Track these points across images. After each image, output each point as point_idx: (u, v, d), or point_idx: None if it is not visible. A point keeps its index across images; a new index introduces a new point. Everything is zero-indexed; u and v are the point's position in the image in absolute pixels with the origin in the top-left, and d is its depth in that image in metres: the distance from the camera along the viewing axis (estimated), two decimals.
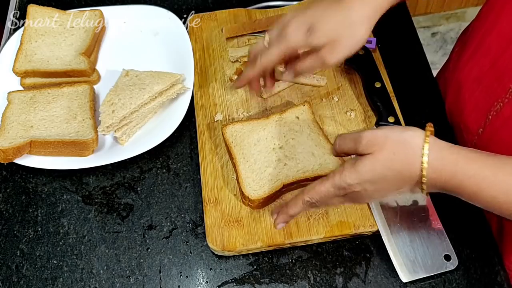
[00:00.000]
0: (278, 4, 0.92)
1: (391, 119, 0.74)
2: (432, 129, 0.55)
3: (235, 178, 0.71)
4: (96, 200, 0.75)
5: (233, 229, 0.69)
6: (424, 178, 0.53)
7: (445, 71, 0.87)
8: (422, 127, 0.77)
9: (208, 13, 0.90)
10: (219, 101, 0.80)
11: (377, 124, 0.74)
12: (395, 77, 0.80)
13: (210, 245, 0.68)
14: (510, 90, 0.65)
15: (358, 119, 0.77)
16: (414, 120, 0.77)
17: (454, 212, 0.69)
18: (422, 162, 0.53)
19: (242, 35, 0.87)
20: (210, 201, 0.71)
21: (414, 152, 0.54)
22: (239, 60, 0.83)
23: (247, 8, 0.90)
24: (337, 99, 0.79)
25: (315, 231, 0.68)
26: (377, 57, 0.82)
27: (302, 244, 0.69)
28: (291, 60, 0.68)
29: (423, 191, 0.55)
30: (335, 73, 0.81)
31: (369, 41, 0.83)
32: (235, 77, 0.81)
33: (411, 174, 0.54)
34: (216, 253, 0.69)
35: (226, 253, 0.68)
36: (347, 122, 0.77)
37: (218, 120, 0.78)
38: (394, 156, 0.54)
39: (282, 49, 0.64)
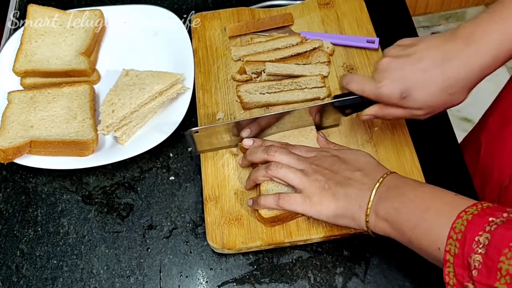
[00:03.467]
0: (282, 3, 0.92)
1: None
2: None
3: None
4: (96, 200, 0.75)
5: (233, 227, 0.69)
6: (382, 178, 0.60)
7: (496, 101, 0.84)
8: (424, 130, 0.77)
9: (211, 11, 0.90)
10: (221, 99, 0.80)
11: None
12: None
13: (210, 242, 0.68)
14: None
15: (360, 122, 0.77)
16: (415, 121, 0.77)
17: None
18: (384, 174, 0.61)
19: (245, 34, 0.87)
20: (210, 199, 0.71)
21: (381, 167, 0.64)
22: (241, 59, 0.83)
23: (251, 7, 0.91)
24: None
25: (315, 230, 0.68)
26: (380, 56, 0.82)
27: (302, 243, 0.69)
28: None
29: (370, 198, 0.59)
30: (337, 75, 0.81)
31: (372, 41, 0.83)
32: (237, 76, 0.81)
33: (378, 169, 0.63)
34: (216, 250, 0.69)
35: (226, 251, 0.68)
36: (349, 121, 0.77)
37: (219, 118, 0.78)
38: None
39: (373, 96, 0.65)
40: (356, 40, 0.84)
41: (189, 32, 0.88)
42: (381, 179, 0.60)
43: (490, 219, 0.48)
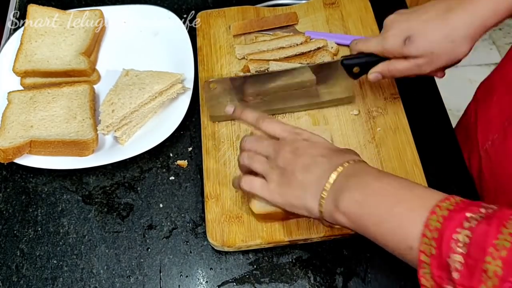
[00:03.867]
0: (287, 3, 0.92)
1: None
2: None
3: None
4: (96, 200, 0.75)
5: (233, 225, 0.69)
6: (345, 164, 0.56)
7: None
8: (426, 130, 0.77)
9: (217, 9, 0.90)
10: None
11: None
12: (397, 79, 0.80)
13: (210, 240, 0.68)
14: None
15: (362, 119, 0.77)
16: (418, 122, 0.77)
17: None
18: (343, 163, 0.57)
19: (249, 33, 0.87)
20: (211, 197, 0.71)
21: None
22: (245, 57, 0.83)
23: (256, 6, 0.91)
24: None
25: (315, 229, 0.68)
26: None
27: (302, 242, 0.68)
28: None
29: (325, 189, 0.55)
30: None
31: None
32: (241, 74, 0.81)
33: (343, 156, 0.58)
34: (215, 248, 0.69)
35: (226, 249, 0.68)
36: (351, 122, 0.77)
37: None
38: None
39: (379, 49, 0.67)
40: None
41: (189, 32, 0.88)
42: (345, 164, 0.56)
43: (468, 214, 0.44)
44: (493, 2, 0.61)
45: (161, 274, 0.69)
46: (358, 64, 0.71)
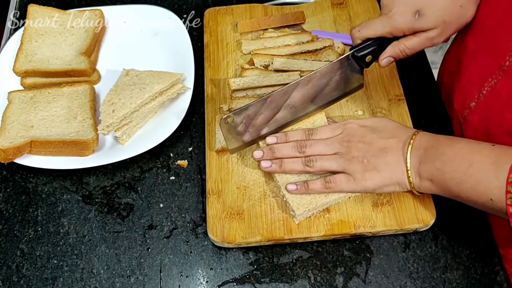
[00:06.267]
0: (295, 1, 0.92)
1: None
2: None
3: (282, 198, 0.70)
4: (96, 200, 0.75)
5: (234, 222, 0.69)
6: (412, 140, 0.64)
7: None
8: (422, 124, 0.78)
9: (224, 7, 0.91)
10: (229, 94, 0.80)
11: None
12: (402, 80, 0.80)
13: (210, 236, 0.68)
14: (503, 67, 0.65)
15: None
16: (416, 118, 0.77)
17: (454, 212, 0.70)
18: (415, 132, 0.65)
19: (256, 31, 0.87)
20: (213, 193, 0.71)
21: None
22: (251, 53, 0.84)
23: (264, 4, 0.91)
24: (346, 100, 0.79)
25: (315, 228, 0.68)
26: None
27: (302, 240, 0.69)
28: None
29: (408, 153, 0.63)
30: None
31: None
32: (247, 65, 0.81)
33: (405, 131, 0.66)
34: (215, 244, 0.69)
35: (226, 245, 0.68)
36: None
37: (226, 109, 0.79)
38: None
39: (387, 29, 0.66)
40: None
41: (190, 32, 0.88)
42: (411, 140, 0.64)
43: None
44: None
45: (161, 274, 0.69)
46: (370, 53, 0.69)
